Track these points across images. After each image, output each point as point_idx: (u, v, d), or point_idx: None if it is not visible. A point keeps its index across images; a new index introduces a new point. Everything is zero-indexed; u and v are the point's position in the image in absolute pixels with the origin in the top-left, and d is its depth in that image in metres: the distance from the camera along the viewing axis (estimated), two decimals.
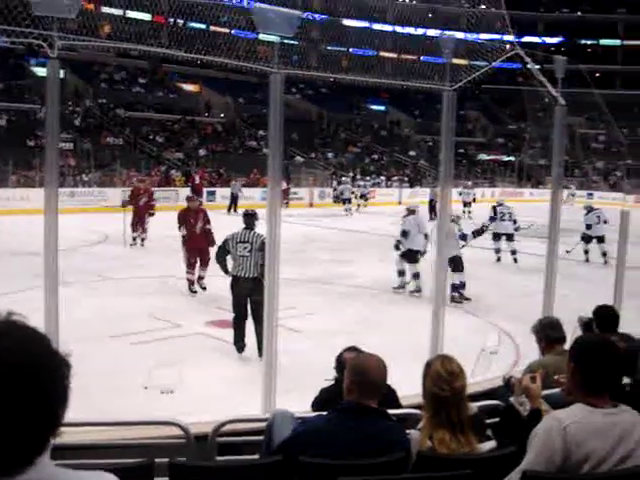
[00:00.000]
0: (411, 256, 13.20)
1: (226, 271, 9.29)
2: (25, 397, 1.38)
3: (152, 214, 18.32)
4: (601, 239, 17.50)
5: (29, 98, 37.12)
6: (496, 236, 17.04)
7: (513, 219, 16.87)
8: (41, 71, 34.80)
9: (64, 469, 1.48)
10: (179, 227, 13.03)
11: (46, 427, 1.44)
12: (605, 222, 17.42)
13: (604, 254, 17.04)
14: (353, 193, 34.11)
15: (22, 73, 40.56)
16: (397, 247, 13.36)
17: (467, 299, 12.21)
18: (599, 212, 18.12)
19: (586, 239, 17.80)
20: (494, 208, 17.22)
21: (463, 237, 13.10)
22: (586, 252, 17.78)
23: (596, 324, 5.35)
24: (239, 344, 8.94)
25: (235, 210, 30.63)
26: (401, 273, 13.44)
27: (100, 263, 14.91)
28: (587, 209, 18.35)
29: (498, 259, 17.06)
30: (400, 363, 6.27)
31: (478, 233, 13.82)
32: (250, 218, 9.46)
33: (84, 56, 41.23)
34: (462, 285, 12.42)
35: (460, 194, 30.69)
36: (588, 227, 17.66)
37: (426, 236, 13.15)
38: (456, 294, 12.24)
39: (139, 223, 18.14)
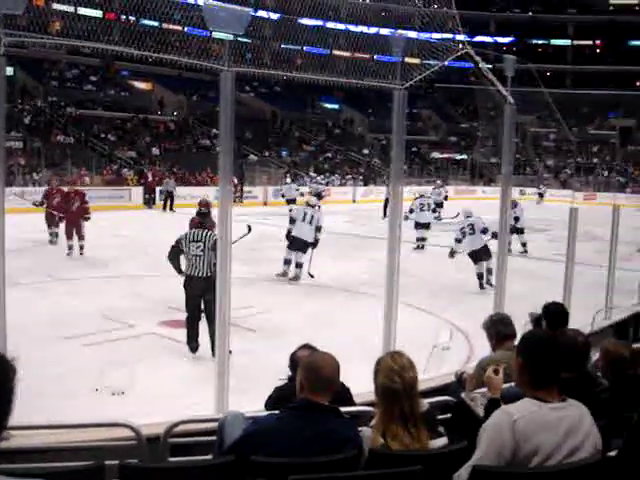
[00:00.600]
0: (298, 245, 14.27)
1: (179, 271, 9.21)
2: None
3: (87, 218, 16.83)
4: (521, 231, 19.25)
5: None
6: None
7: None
8: None
9: (5, 477, 1.45)
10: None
11: None
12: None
13: (524, 244, 19.13)
14: (300, 192, 31.07)
15: None
16: (287, 236, 14.62)
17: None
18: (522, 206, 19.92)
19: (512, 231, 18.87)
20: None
21: (484, 231, 14.21)
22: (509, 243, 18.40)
23: (546, 321, 5.42)
24: (192, 344, 8.87)
25: (171, 209, 30.43)
26: (287, 261, 14.45)
27: (51, 263, 14.68)
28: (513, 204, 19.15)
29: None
30: (353, 361, 6.30)
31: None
32: (203, 217, 9.40)
33: (34, 53, 40.53)
34: (490, 271, 13.53)
35: (431, 194, 27.82)
36: (516, 220, 18.49)
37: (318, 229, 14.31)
38: (488, 278, 13.56)
39: (75, 230, 16.61)
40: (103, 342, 9.38)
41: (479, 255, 14.08)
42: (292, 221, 14.63)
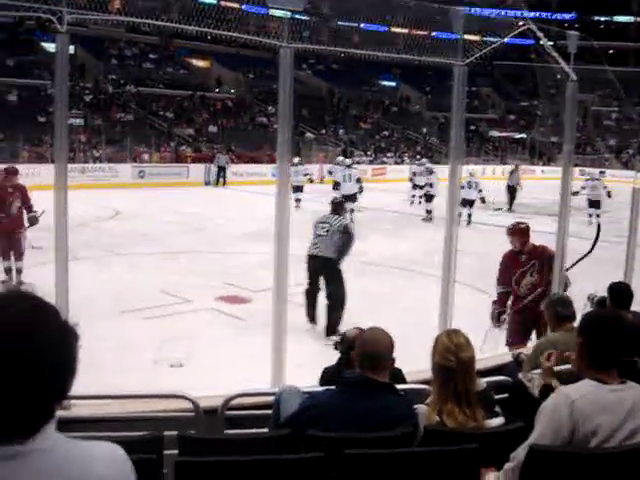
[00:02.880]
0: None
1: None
2: (28, 366, 1.38)
3: (33, 221, 10.58)
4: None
5: (39, 74, 37.02)
6: None
7: None
8: (51, 47, 34.71)
9: (70, 439, 1.49)
10: None
11: (51, 396, 1.44)
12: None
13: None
14: (308, 177, 27.36)
15: (32, 49, 40.47)
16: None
17: None
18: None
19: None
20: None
21: None
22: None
23: (610, 300, 5.31)
24: (310, 314, 9.34)
25: (224, 184, 30.62)
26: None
27: (111, 239, 14.94)
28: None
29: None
30: (409, 340, 6.26)
31: None
32: (336, 206, 9.94)
33: (94, 32, 41.08)
34: None
35: (414, 174, 26.03)
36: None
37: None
38: None
39: (10, 246, 10.57)
40: (161, 316, 9.54)
41: None
42: (336, 185, 17.46)
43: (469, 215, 20.17)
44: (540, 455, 2.77)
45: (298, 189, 23.95)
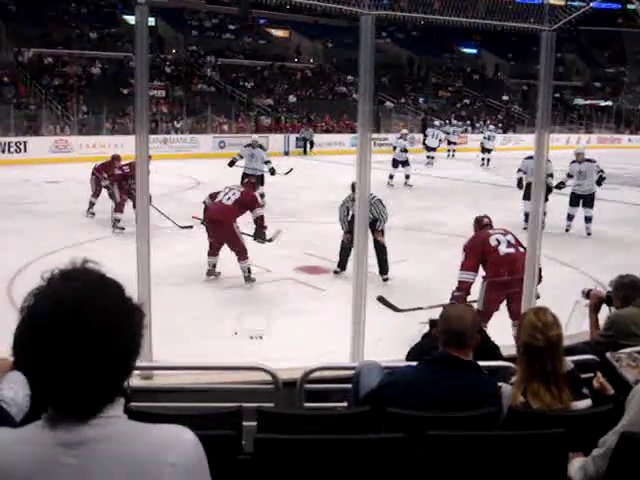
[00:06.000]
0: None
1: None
2: (89, 338, 1.36)
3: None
4: None
5: (122, 47, 37.66)
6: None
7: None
8: (132, 19, 35.33)
9: (138, 424, 1.46)
10: None
11: (113, 371, 1.42)
12: None
13: None
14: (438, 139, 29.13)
15: (115, 22, 41.20)
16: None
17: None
18: None
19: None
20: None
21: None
22: None
23: (623, 295, 5.02)
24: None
25: (305, 152, 30.94)
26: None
27: (192, 208, 15.10)
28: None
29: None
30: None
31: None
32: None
33: (174, 3, 41.52)
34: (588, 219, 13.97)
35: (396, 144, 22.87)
36: None
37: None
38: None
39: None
40: (241, 286, 9.61)
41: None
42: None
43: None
44: (633, 443, 2.64)
45: (400, 163, 21.71)
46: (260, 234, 10.03)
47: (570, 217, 14.24)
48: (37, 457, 1.38)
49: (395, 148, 21.81)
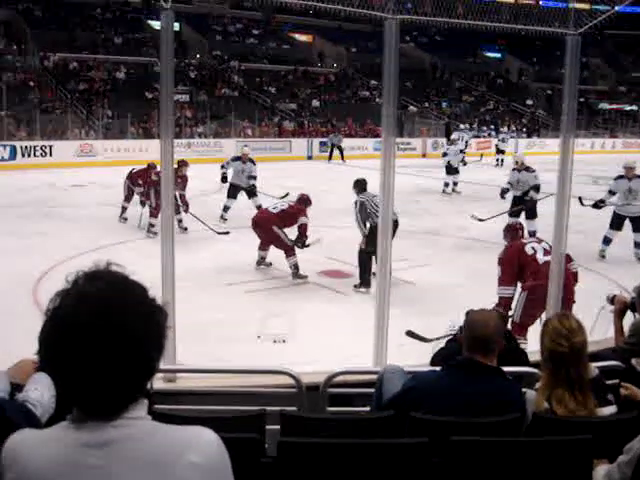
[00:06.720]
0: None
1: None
2: (112, 336, 1.38)
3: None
4: None
5: (147, 51, 37.93)
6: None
7: None
8: (157, 24, 35.56)
9: (161, 424, 1.47)
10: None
11: (136, 371, 1.43)
12: None
13: None
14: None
15: (140, 27, 41.50)
16: None
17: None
18: None
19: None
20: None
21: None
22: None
23: None
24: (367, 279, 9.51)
25: (342, 159, 30.58)
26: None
27: (216, 212, 15.16)
28: None
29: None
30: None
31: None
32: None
33: (199, 9, 41.71)
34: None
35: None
36: None
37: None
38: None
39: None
40: (264, 290, 9.64)
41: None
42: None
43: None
44: None
45: (453, 170, 21.10)
46: (301, 240, 10.40)
47: (607, 241, 12.05)
48: (62, 458, 1.40)
49: (445, 155, 21.72)
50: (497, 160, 31.63)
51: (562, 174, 5.64)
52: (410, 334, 6.65)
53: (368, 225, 9.73)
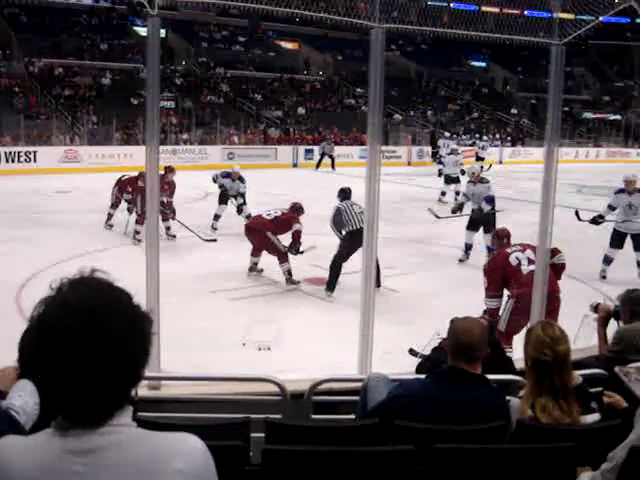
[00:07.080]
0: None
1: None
2: (96, 342, 1.37)
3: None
4: None
5: (132, 58, 37.87)
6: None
7: None
8: (143, 31, 35.46)
9: (146, 431, 1.47)
10: None
11: (121, 377, 1.43)
12: None
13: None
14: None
15: (125, 33, 41.45)
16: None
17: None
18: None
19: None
20: None
21: None
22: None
23: (630, 311, 4.96)
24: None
25: (333, 168, 30.54)
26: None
27: (201, 219, 15.14)
28: None
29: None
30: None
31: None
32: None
33: (185, 16, 41.67)
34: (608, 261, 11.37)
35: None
36: None
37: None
38: None
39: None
40: (248, 297, 9.62)
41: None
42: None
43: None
44: None
45: (452, 180, 20.38)
46: (295, 246, 10.46)
47: (608, 260, 11.31)
48: (46, 465, 1.39)
49: (442, 163, 21.61)
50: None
51: (546, 183, 5.68)
52: (412, 353, 6.67)
53: (344, 232, 9.78)
